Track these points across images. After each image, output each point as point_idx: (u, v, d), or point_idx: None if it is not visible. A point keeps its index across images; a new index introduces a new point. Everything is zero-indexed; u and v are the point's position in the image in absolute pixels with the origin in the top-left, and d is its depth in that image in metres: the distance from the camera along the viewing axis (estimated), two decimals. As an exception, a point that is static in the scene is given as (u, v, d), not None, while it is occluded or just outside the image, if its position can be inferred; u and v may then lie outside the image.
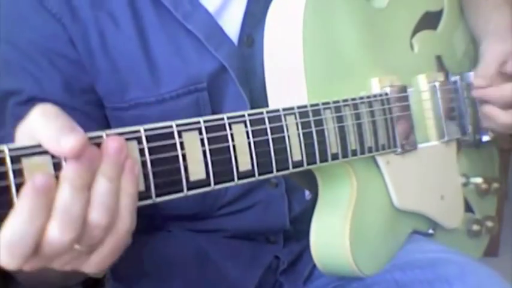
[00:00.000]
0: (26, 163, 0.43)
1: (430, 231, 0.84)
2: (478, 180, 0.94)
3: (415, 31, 0.90)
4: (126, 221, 0.47)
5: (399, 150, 0.76)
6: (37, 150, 0.44)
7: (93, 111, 0.77)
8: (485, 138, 0.96)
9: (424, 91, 0.86)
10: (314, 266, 0.87)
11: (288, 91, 0.70)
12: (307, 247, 0.88)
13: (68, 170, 0.44)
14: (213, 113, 0.76)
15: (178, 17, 0.74)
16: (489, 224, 0.98)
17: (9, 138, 0.74)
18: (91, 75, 0.75)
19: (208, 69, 0.76)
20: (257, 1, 0.78)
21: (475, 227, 0.94)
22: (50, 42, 0.74)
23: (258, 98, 0.78)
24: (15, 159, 0.42)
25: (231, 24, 0.78)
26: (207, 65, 0.76)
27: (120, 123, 0.78)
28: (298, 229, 0.87)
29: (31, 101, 0.73)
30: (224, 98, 0.78)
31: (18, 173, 0.42)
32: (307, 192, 0.85)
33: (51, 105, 0.45)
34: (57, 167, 0.44)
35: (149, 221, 0.82)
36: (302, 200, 0.86)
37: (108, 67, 0.75)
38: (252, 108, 0.77)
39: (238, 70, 0.77)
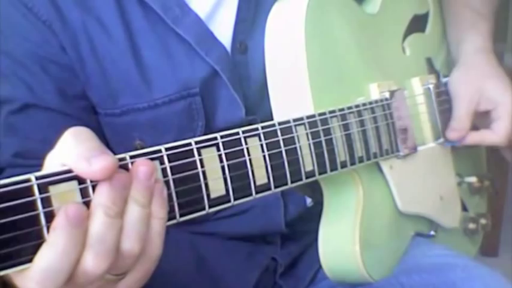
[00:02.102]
0: (54, 191, 0.41)
1: (432, 232, 0.85)
2: (472, 179, 0.95)
3: (406, 34, 0.91)
4: (156, 247, 0.46)
5: (401, 154, 0.77)
6: (64, 177, 0.42)
7: (86, 117, 0.76)
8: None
9: (418, 94, 0.87)
10: (317, 269, 0.87)
11: (293, 101, 0.69)
12: (306, 250, 0.89)
13: (101, 196, 0.42)
14: (206, 118, 0.76)
15: (168, 22, 0.73)
16: (483, 221, 0.99)
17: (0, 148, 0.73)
18: (82, 81, 0.74)
19: (200, 74, 0.75)
20: (248, 7, 0.78)
21: (471, 225, 0.95)
22: (41, 49, 0.72)
23: (253, 103, 0.78)
24: (42, 188, 0.41)
25: (223, 30, 0.77)
26: (199, 70, 0.75)
27: (113, 129, 0.78)
28: (295, 231, 0.86)
29: (25, 109, 0.72)
30: (217, 103, 0.77)
31: (47, 202, 0.41)
32: (308, 200, 0.85)
33: (84, 127, 0.44)
34: (84, 193, 0.43)
35: None
36: (298, 203, 0.85)
37: (99, 73, 0.74)
38: (247, 114, 0.77)
39: (231, 75, 0.76)
